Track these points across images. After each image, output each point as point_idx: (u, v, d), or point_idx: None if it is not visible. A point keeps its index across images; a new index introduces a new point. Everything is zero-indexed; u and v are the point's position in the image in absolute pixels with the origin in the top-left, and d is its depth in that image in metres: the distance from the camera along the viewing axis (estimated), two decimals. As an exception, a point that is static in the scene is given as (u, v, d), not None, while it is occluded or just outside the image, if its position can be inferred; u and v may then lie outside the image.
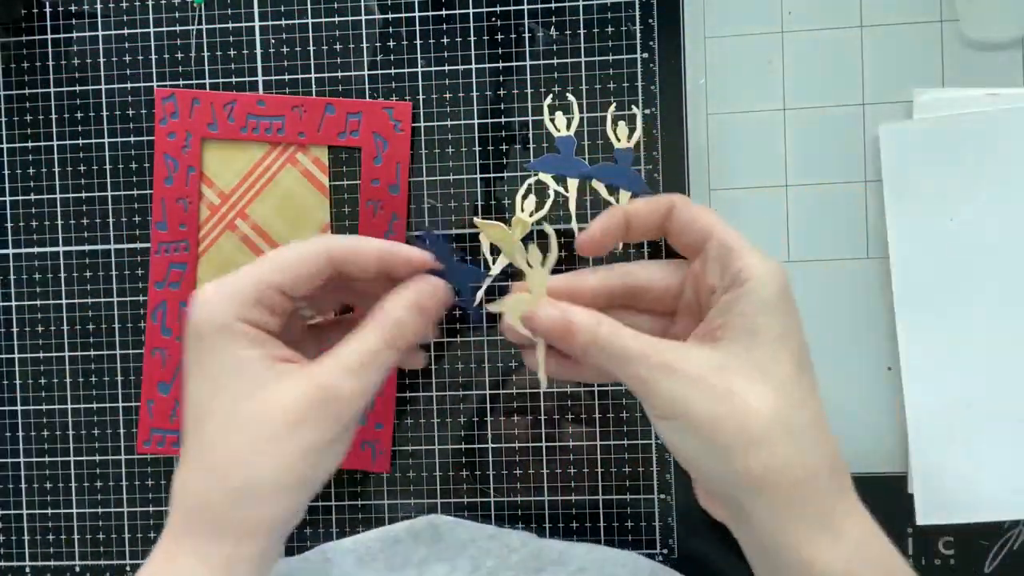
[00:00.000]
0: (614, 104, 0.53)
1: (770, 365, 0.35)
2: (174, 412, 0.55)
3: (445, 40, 0.54)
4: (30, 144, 0.57)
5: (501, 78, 0.54)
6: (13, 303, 0.57)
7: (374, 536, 0.54)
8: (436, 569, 0.52)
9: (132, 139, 0.56)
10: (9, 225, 0.57)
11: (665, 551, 0.53)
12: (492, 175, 0.54)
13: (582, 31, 0.53)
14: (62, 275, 0.56)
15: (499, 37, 0.54)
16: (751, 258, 0.37)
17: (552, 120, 0.54)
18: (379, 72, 0.54)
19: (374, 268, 0.39)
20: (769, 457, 0.34)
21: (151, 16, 0.56)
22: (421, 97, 0.54)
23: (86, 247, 0.56)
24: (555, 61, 0.54)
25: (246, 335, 0.37)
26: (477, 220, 0.53)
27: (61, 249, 0.56)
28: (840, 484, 0.36)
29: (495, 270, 0.54)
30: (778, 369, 0.35)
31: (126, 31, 0.56)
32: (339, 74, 0.55)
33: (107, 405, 0.56)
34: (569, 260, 0.53)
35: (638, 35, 0.53)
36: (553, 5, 0.53)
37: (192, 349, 0.37)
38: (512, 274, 0.54)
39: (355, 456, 0.54)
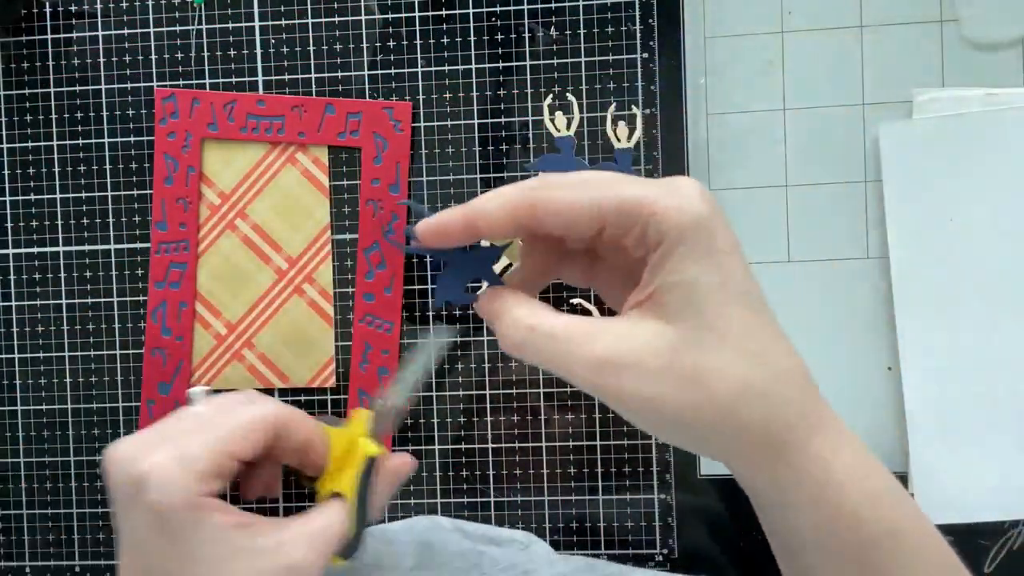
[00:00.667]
0: (614, 104, 0.53)
1: (720, 324, 0.32)
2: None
3: (445, 40, 0.54)
4: (30, 144, 0.57)
5: (501, 78, 0.54)
6: (13, 303, 0.57)
7: (369, 532, 0.54)
8: None
9: (132, 139, 0.56)
10: (9, 225, 0.57)
11: (665, 551, 0.53)
12: (492, 175, 0.54)
13: (582, 31, 0.53)
14: (62, 275, 0.56)
15: (499, 37, 0.54)
16: (661, 208, 0.32)
17: (552, 120, 0.54)
18: (379, 72, 0.54)
19: (305, 442, 0.42)
20: (744, 429, 0.33)
21: (151, 16, 0.56)
22: (421, 97, 0.54)
23: (86, 247, 0.56)
24: (555, 61, 0.54)
25: (208, 510, 0.38)
26: (477, 220, 0.53)
27: (61, 249, 0.56)
28: (820, 417, 0.34)
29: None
30: (730, 326, 0.32)
31: (126, 31, 0.56)
32: (339, 74, 0.55)
33: (107, 405, 0.56)
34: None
35: (638, 35, 0.53)
36: (553, 5, 0.53)
37: (152, 527, 0.38)
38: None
39: (355, 456, 0.54)
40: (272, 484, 0.45)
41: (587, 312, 0.53)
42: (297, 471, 0.44)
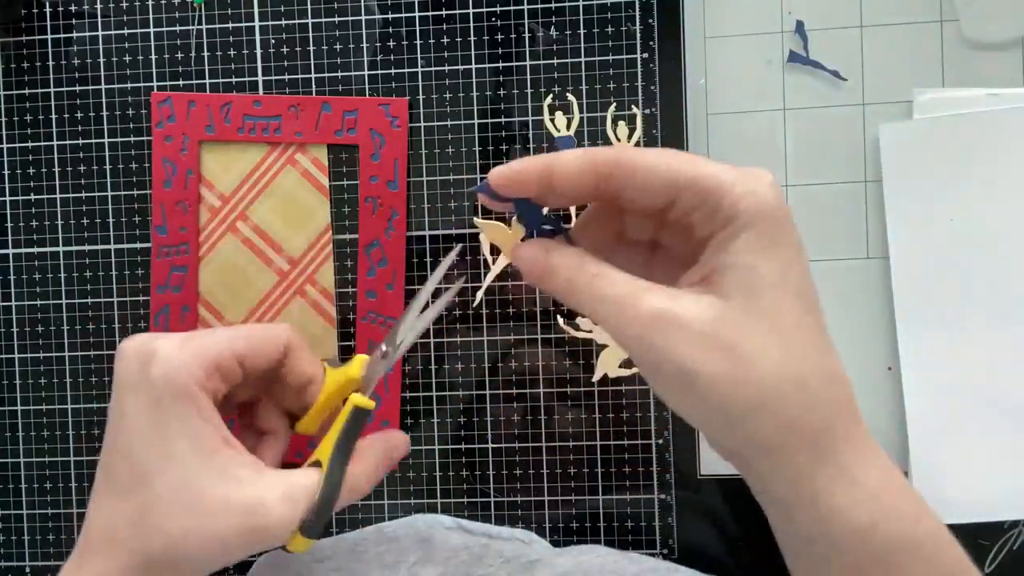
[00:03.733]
0: (614, 104, 0.53)
1: (773, 313, 0.32)
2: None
3: (445, 40, 0.54)
4: (30, 144, 0.57)
5: (501, 78, 0.54)
6: (13, 303, 0.57)
7: (369, 531, 0.54)
8: (427, 572, 0.52)
9: (132, 139, 0.56)
10: (9, 225, 0.57)
11: (665, 551, 0.54)
12: (492, 175, 0.54)
13: (582, 31, 0.53)
14: (62, 275, 0.56)
15: (499, 37, 0.54)
16: (737, 191, 0.32)
17: (552, 120, 0.54)
18: (379, 72, 0.54)
19: (308, 377, 0.43)
20: (778, 418, 0.32)
21: (151, 16, 0.55)
22: (421, 97, 0.54)
23: (86, 247, 0.56)
24: (555, 61, 0.54)
25: (203, 406, 0.38)
26: (477, 220, 0.54)
27: (61, 249, 0.56)
28: (854, 429, 0.34)
29: (495, 270, 0.54)
30: (782, 317, 0.32)
31: (126, 31, 0.56)
32: (339, 74, 0.55)
33: (107, 405, 0.56)
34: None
35: (638, 35, 0.53)
36: (553, 5, 0.53)
37: (146, 405, 0.38)
38: (512, 274, 0.54)
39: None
40: (271, 428, 0.44)
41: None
42: (290, 416, 0.44)
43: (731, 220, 0.32)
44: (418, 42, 0.54)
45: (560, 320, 0.54)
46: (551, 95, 0.54)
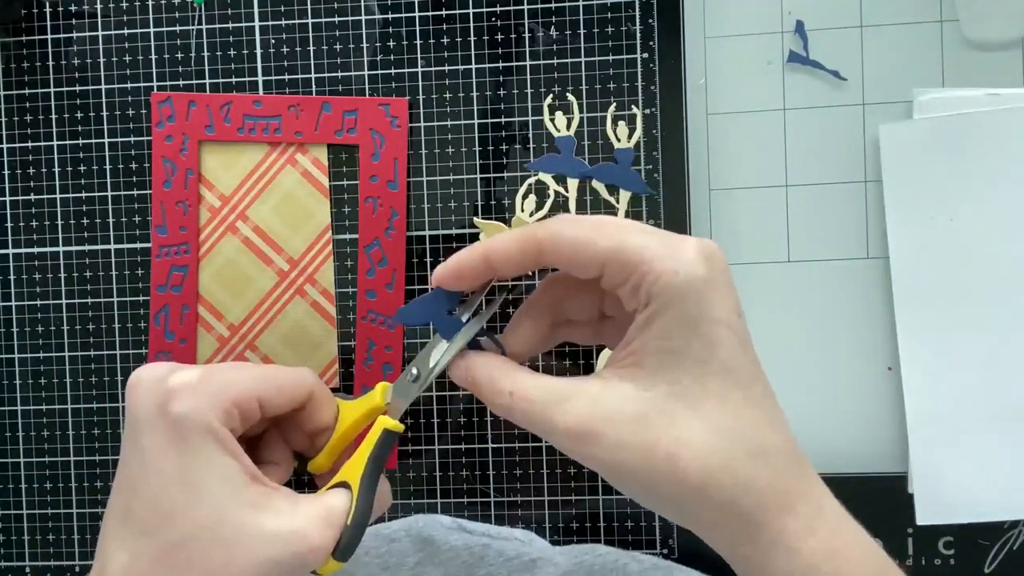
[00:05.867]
0: (614, 104, 0.53)
1: (696, 398, 0.32)
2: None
3: (445, 40, 0.54)
4: (30, 144, 0.57)
5: (501, 78, 0.54)
6: (13, 303, 0.57)
7: (370, 532, 0.54)
8: (429, 573, 0.52)
9: (132, 139, 0.56)
10: (9, 225, 0.57)
11: (665, 551, 0.54)
12: (492, 175, 0.54)
13: (582, 31, 0.53)
14: (62, 275, 0.56)
15: (499, 37, 0.54)
16: (658, 268, 0.32)
17: (552, 120, 0.54)
18: (379, 72, 0.54)
19: (326, 422, 0.42)
20: (709, 503, 0.32)
21: (151, 16, 0.55)
22: (421, 97, 0.54)
23: (86, 247, 0.56)
24: (555, 61, 0.54)
25: (227, 442, 0.36)
26: (477, 220, 0.54)
27: (61, 249, 0.56)
28: (795, 495, 0.33)
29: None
30: (706, 401, 0.32)
31: (126, 31, 0.56)
32: (339, 74, 0.55)
33: (107, 405, 0.56)
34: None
35: (638, 35, 0.53)
36: (553, 5, 0.53)
37: (167, 441, 0.36)
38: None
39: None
40: (276, 460, 0.43)
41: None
42: (300, 456, 0.43)
43: (652, 298, 0.32)
44: (418, 42, 0.54)
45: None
46: (551, 95, 0.54)
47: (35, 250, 0.57)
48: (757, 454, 0.33)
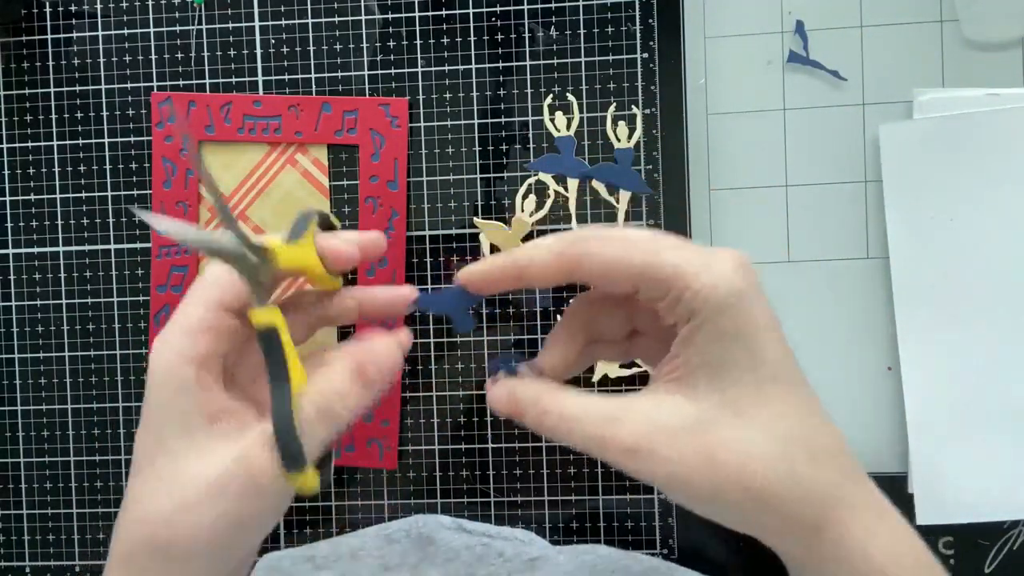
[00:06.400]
0: (614, 104, 0.53)
1: (749, 408, 0.32)
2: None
3: (445, 40, 0.54)
4: (30, 144, 0.57)
5: (501, 78, 0.54)
6: (13, 303, 0.57)
7: (371, 533, 0.54)
8: (430, 574, 0.52)
9: (132, 139, 0.56)
10: (9, 225, 0.57)
11: (665, 551, 0.54)
12: (492, 175, 0.54)
13: (582, 31, 0.53)
14: (62, 275, 0.56)
15: (499, 37, 0.54)
16: (696, 285, 0.32)
17: (552, 120, 0.54)
18: (379, 72, 0.54)
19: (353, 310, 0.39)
20: (773, 514, 0.32)
21: (151, 16, 0.55)
22: (421, 97, 0.54)
23: (86, 247, 0.56)
24: (555, 61, 0.54)
25: (193, 384, 0.36)
26: (477, 220, 0.54)
27: (61, 249, 0.56)
28: (854, 498, 0.34)
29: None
30: (759, 410, 0.33)
31: (126, 31, 0.56)
32: (339, 74, 0.55)
33: (107, 405, 0.56)
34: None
35: (638, 35, 0.53)
36: (553, 5, 0.53)
37: (146, 393, 0.36)
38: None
39: (361, 454, 0.54)
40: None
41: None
42: None
43: (694, 313, 0.33)
44: (418, 42, 0.54)
45: (560, 320, 0.54)
46: (551, 95, 0.54)
47: (35, 250, 0.57)
48: (816, 458, 0.33)
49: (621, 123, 0.53)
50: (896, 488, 0.52)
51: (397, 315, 0.40)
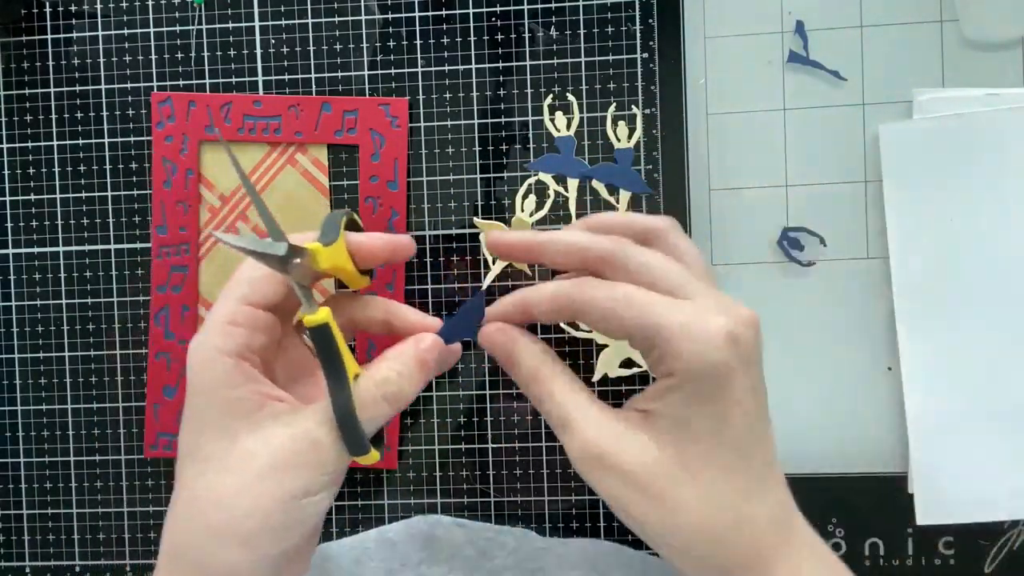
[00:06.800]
0: (614, 104, 0.53)
1: (698, 467, 0.35)
2: (179, 416, 0.55)
3: (445, 40, 0.54)
4: (30, 144, 0.57)
5: (501, 78, 0.54)
6: (13, 303, 0.57)
7: (372, 536, 0.54)
8: (433, 572, 0.52)
9: (132, 139, 0.56)
10: (9, 225, 0.57)
11: (665, 551, 0.54)
12: (492, 175, 0.54)
13: (582, 31, 0.53)
14: (62, 275, 0.56)
15: (499, 37, 0.54)
16: (682, 349, 0.34)
17: (552, 120, 0.54)
18: (379, 72, 0.54)
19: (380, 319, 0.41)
20: (699, 560, 0.36)
21: (151, 16, 0.55)
22: (421, 97, 0.54)
23: (86, 247, 0.56)
24: (555, 61, 0.54)
25: (233, 370, 0.37)
26: (477, 220, 0.54)
27: (61, 249, 0.56)
28: (775, 557, 0.36)
29: (495, 270, 0.54)
30: (706, 471, 0.35)
31: (126, 31, 0.56)
32: (339, 74, 0.55)
33: (107, 405, 0.56)
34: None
35: (638, 35, 0.53)
36: (553, 5, 0.53)
37: (188, 389, 0.37)
38: (512, 274, 0.54)
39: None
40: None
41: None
42: None
43: (673, 373, 0.35)
44: (418, 42, 0.54)
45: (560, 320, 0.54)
46: (551, 95, 0.54)
47: (35, 250, 0.57)
48: (741, 522, 0.35)
49: (621, 123, 0.53)
50: (896, 488, 0.52)
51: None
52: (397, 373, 0.37)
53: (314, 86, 0.55)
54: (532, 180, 0.54)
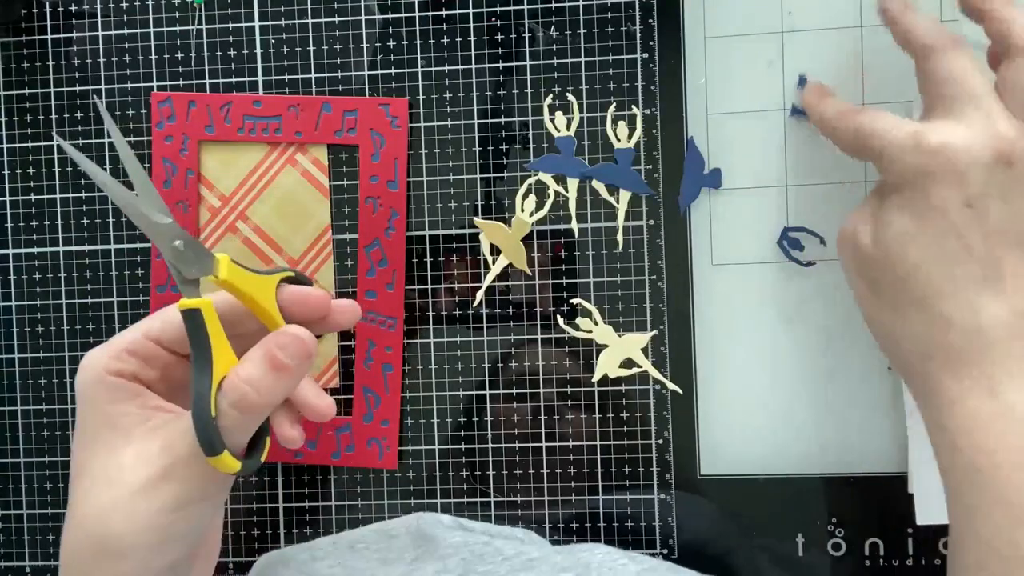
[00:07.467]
0: (614, 104, 0.53)
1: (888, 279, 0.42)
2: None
3: (445, 40, 0.54)
4: (30, 144, 0.57)
5: (501, 78, 0.54)
6: (13, 303, 0.57)
7: (370, 529, 0.54)
8: (427, 568, 0.52)
9: (132, 139, 0.56)
10: (9, 225, 0.57)
11: (665, 551, 0.54)
12: (492, 175, 0.54)
13: (582, 31, 0.53)
14: (62, 275, 0.56)
15: (499, 37, 0.54)
16: (885, 149, 0.43)
17: (552, 120, 0.54)
18: (379, 72, 0.54)
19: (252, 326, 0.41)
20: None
21: (151, 16, 0.55)
22: (421, 97, 0.54)
23: (86, 247, 0.56)
24: (555, 61, 0.54)
25: (119, 388, 0.37)
26: (477, 220, 0.54)
27: (61, 249, 0.56)
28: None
29: (495, 270, 0.54)
30: (906, 283, 0.42)
31: (126, 31, 0.56)
32: (339, 74, 0.55)
33: (107, 405, 0.56)
34: (569, 260, 0.53)
35: (638, 35, 0.53)
36: (553, 5, 0.53)
37: (77, 408, 0.38)
38: (512, 274, 0.54)
39: (361, 454, 0.54)
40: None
41: (587, 312, 0.53)
42: None
43: (883, 174, 0.44)
44: (418, 42, 0.54)
45: (560, 320, 0.54)
46: (551, 95, 0.54)
47: (35, 250, 0.57)
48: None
49: (621, 123, 0.53)
50: (896, 488, 0.52)
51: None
52: (242, 378, 0.36)
53: (314, 86, 0.55)
54: (532, 180, 0.54)
